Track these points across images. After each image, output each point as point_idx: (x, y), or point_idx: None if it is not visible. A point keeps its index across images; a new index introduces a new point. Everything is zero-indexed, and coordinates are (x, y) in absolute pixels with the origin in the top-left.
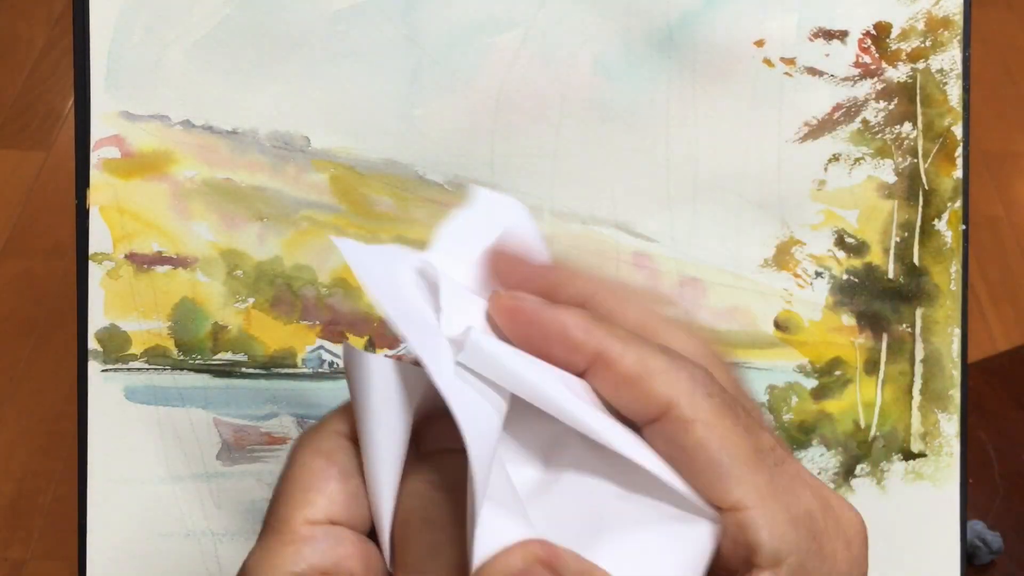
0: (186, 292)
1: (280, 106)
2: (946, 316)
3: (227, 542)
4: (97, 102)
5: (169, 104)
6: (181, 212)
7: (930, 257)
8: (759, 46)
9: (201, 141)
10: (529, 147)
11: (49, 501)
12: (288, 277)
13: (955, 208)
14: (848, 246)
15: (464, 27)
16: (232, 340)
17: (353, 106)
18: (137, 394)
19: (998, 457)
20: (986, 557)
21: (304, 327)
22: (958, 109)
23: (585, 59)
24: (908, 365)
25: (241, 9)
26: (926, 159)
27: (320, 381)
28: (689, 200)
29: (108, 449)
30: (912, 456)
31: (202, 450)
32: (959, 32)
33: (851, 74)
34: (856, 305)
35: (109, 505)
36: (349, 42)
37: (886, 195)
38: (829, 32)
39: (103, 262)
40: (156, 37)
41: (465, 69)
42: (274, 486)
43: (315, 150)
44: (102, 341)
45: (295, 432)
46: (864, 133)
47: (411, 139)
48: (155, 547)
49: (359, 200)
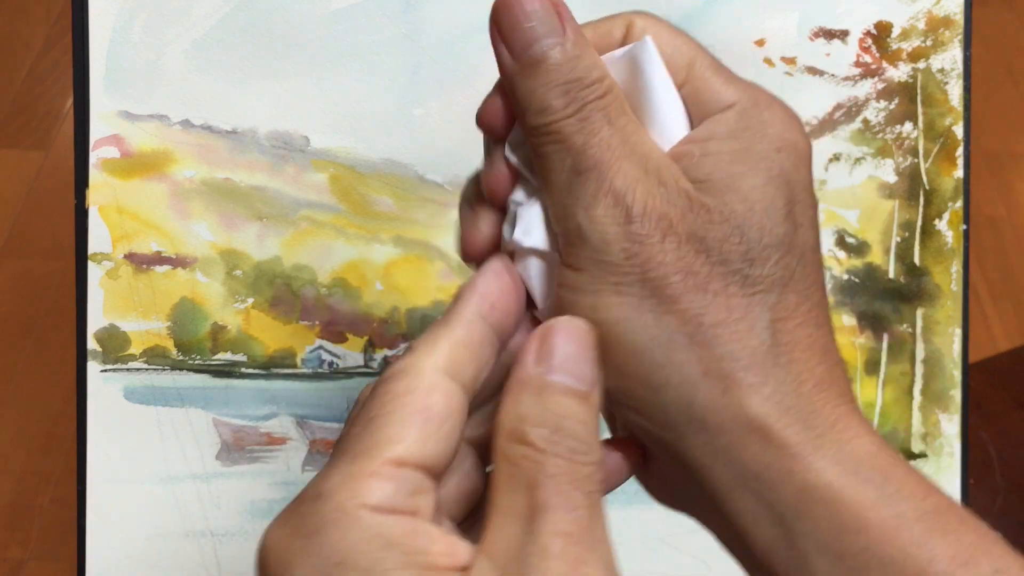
0: (185, 292)
1: (280, 106)
2: (947, 316)
3: (227, 542)
4: (96, 102)
5: (168, 104)
6: (180, 212)
7: (931, 257)
8: (760, 45)
9: (201, 141)
10: None
11: (48, 501)
12: (287, 277)
13: (956, 208)
14: (849, 246)
15: (464, 27)
16: (231, 340)
17: (353, 106)
18: (136, 394)
19: (999, 457)
20: None
21: (303, 327)
22: (959, 109)
23: None
24: (909, 365)
25: (241, 9)
26: (927, 159)
27: (320, 381)
28: None
29: (108, 449)
30: (913, 456)
31: (201, 450)
32: (960, 32)
33: (852, 74)
34: (857, 305)
35: (109, 505)
36: (349, 42)
37: (887, 195)
38: (830, 32)
39: (102, 262)
40: (156, 37)
41: (465, 69)
42: (360, 406)
43: (315, 150)
44: (101, 341)
45: (294, 432)
46: (865, 133)
47: (411, 139)
48: (155, 547)
49: (359, 200)
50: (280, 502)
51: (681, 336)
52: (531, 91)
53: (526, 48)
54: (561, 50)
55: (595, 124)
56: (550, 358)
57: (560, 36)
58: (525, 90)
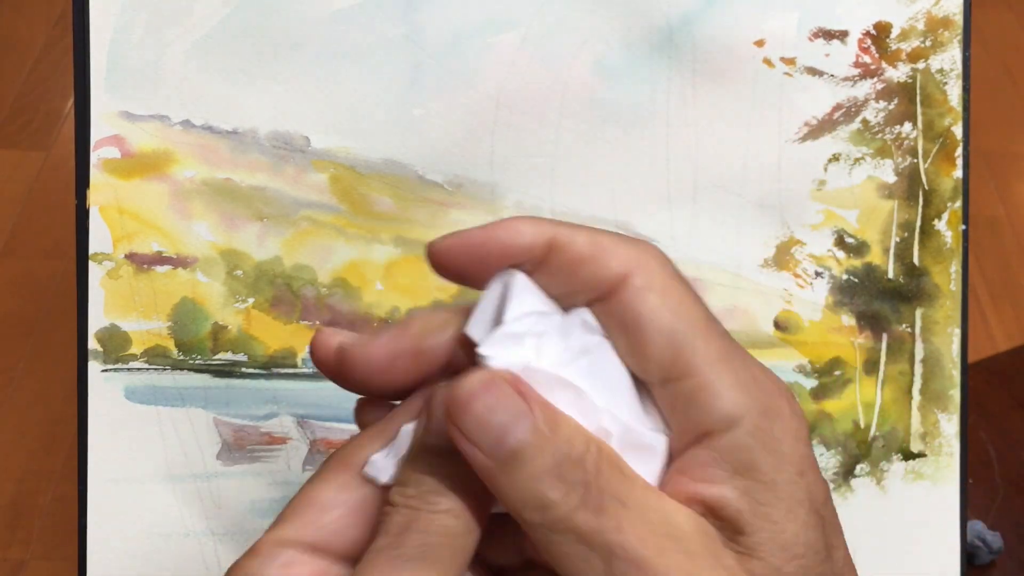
0: (186, 292)
1: (280, 106)
2: (946, 316)
3: (227, 542)
4: (97, 102)
5: (169, 104)
6: (181, 212)
7: (930, 257)
8: (759, 46)
9: (201, 141)
10: (529, 147)
11: (49, 501)
12: (288, 277)
13: (955, 208)
14: (848, 246)
15: (464, 27)
16: (232, 340)
17: (353, 106)
18: (137, 394)
19: (998, 457)
20: (986, 557)
21: (304, 327)
22: (958, 109)
23: (585, 59)
24: (908, 365)
25: (241, 9)
26: (926, 159)
27: (320, 381)
28: (689, 200)
29: (108, 449)
30: (912, 456)
31: (202, 450)
32: (959, 32)
33: (851, 74)
34: (856, 305)
35: (109, 505)
36: (349, 42)
37: (886, 195)
38: (829, 32)
39: (103, 262)
40: (156, 37)
41: (465, 69)
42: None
43: (315, 150)
44: (102, 341)
45: (295, 432)
46: (864, 133)
47: (411, 139)
48: (155, 547)
49: (359, 200)
50: (280, 501)
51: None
52: (521, 488)
53: (498, 445)
54: (536, 434)
55: (611, 512)
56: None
57: (529, 417)
58: (514, 487)
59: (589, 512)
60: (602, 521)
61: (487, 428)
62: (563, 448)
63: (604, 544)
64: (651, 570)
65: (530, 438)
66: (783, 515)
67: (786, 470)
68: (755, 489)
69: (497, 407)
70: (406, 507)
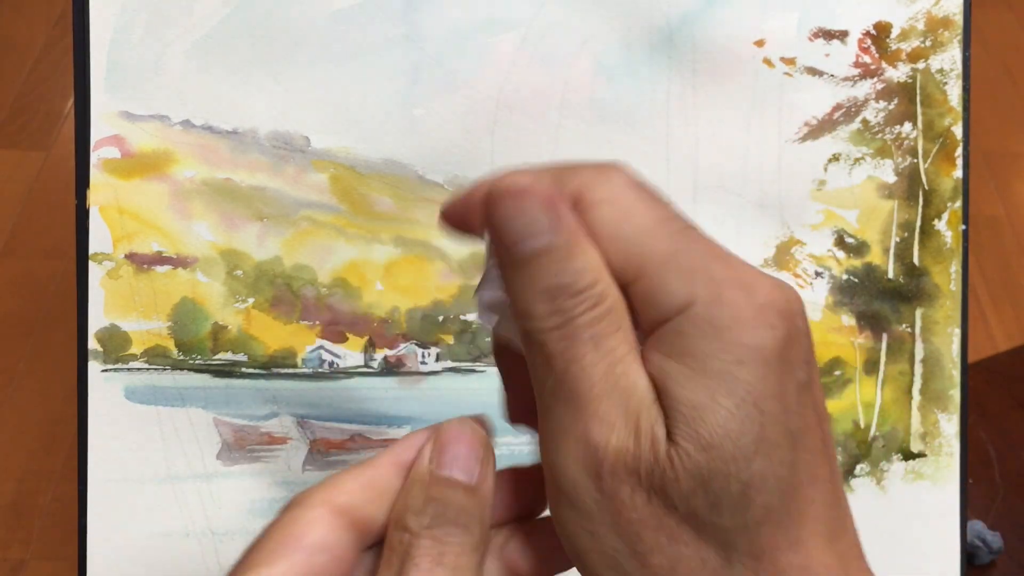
0: (186, 292)
1: (280, 106)
2: (946, 316)
3: (227, 542)
4: (97, 102)
5: (169, 104)
6: (181, 212)
7: (930, 257)
8: (759, 46)
9: (201, 141)
10: (529, 147)
11: (49, 501)
12: (288, 277)
13: (955, 208)
14: (848, 246)
15: (464, 27)
16: (232, 340)
17: (353, 106)
18: (137, 394)
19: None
20: (986, 557)
21: (304, 327)
22: (958, 109)
23: (585, 59)
24: (908, 365)
25: (241, 9)
26: (926, 159)
27: (320, 381)
28: (689, 200)
29: (108, 449)
30: (912, 456)
31: (202, 450)
32: (959, 32)
33: (851, 74)
34: (856, 305)
35: (109, 505)
36: (349, 42)
37: (886, 195)
38: (829, 32)
39: (103, 262)
40: (156, 37)
41: (465, 69)
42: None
43: (315, 150)
44: (102, 341)
45: (295, 432)
46: (864, 133)
47: (411, 139)
48: (155, 547)
49: (359, 200)
50: (280, 501)
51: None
52: (518, 290)
53: (514, 244)
54: (549, 250)
55: (579, 346)
56: (441, 456)
57: (552, 234)
58: (514, 286)
59: (559, 337)
60: (567, 347)
61: (511, 224)
62: (566, 277)
63: (557, 369)
64: (585, 415)
65: (540, 253)
66: (705, 401)
67: (720, 357)
68: (681, 373)
69: (521, 212)
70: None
